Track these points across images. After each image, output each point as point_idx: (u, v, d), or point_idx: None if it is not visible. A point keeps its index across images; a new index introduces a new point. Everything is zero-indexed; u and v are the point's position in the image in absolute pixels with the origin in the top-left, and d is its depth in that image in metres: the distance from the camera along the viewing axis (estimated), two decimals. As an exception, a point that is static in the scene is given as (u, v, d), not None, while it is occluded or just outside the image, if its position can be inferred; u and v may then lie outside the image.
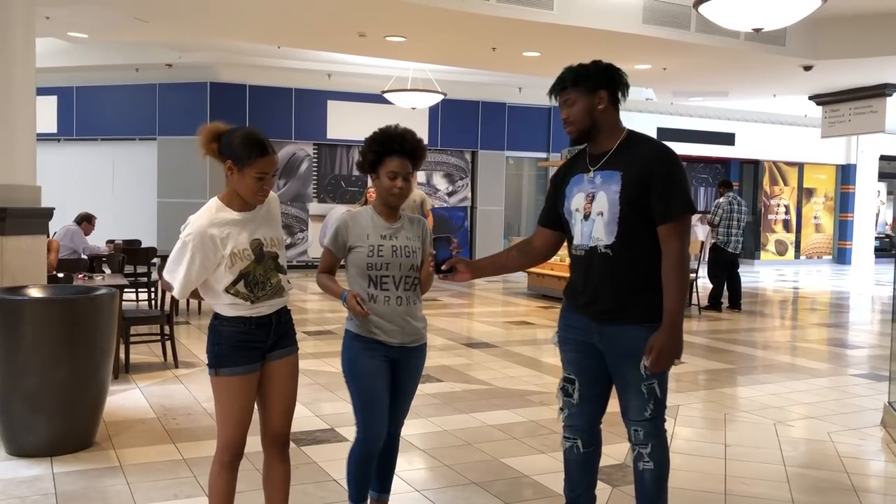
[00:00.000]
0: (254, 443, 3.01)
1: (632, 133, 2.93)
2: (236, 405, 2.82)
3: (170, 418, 5.03)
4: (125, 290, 7.23)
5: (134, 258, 9.41)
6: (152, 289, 9.03)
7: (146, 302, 9.29)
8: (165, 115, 14.28)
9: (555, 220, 3.08)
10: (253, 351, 2.81)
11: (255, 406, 2.91)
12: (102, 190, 14.55)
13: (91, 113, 14.52)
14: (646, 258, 2.80)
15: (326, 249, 3.20)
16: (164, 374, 6.25)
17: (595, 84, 2.87)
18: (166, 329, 6.58)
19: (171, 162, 14.14)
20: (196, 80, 14.07)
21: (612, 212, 2.83)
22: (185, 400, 5.49)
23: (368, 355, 3.09)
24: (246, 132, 2.76)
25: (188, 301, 9.50)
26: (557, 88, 2.95)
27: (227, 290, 2.75)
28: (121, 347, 6.02)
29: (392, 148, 3.10)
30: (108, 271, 8.84)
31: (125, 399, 5.48)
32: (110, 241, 10.27)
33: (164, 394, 5.66)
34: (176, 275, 2.73)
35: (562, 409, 3.09)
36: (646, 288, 2.82)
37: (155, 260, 9.54)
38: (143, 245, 10.63)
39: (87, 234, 9.35)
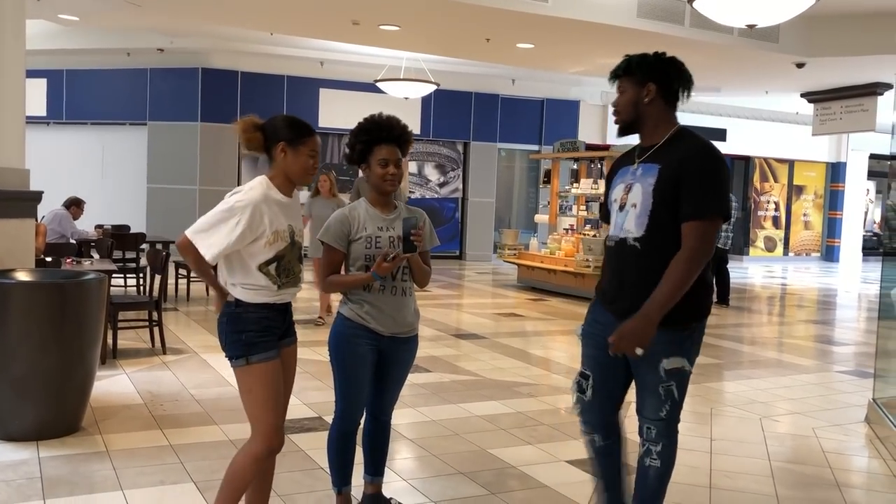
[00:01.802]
0: (241, 430, 3.01)
1: (683, 129, 2.87)
2: (273, 391, 2.79)
3: (157, 404, 5.02)
4: (113, 275, 7.20)
5: (123, 243, 9.37)
6: (141, 274, 8.99)
7: (134, 288, 9.25)
8: (156, 101, 14.19)
9: (608, 214, 3.03)
10: (276, 337, 2.82)
11: None
12: (92, 174, 14.46)
13: (81, 97, 14.42)
14: (673, 256, 2.70)
15: (326, 248, 3.12)
16: (152, 361, 6.23)
17: (645, 76, 2.84)
18: (154, 315, 6.56)
19: (162, 147, 14.07)
20: (188, 65, 13.99)
21: (645, 204, 2.77)
22: (173, 386, 5.48)
23: (356, 342, 3.10)
24: (289, 116, 2.87)
25: (177, 287, 9.47)
26: (613, 76, 2.94)
27: (259, 268, 2.74)
28: (108, 333, 5.99)
29: (380, 136, 3.10)
30: (96, 256, 8.80)
31: (112, 385, 5.46)
32: (99, 226, 10.22)
33: (152, 380, 5.65)
34: (212, 237, 2.68)
35: (575, 404, 3.07)
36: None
37: (144, 245, 9.50)
38: (132, 230, 10.59)
39: (75, 218, 9.29)
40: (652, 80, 2.83)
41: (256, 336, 2.75)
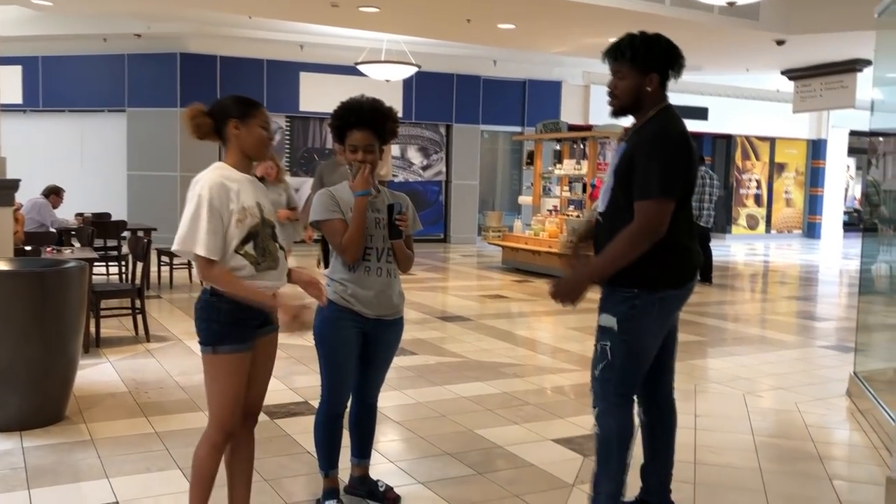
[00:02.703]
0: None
1: (662, 110, 2.91)
2: (235, 383, 2.76)
3: (141, 392, 4.99)
4: (95, 263, 7.14)
5: (104, 231, 9.29)
6: (123, 262, 8.92)
7: (117, 276, 9.18)
8: (135, 87, 14.03)
9: None
10: (250, 329, 2.77)
11: None
12: (70, 162, 14.29)
13: (58, 84, 14.22)
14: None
15: (324, 225, 3.08)
16: (136, 349, 6.20)
17: (651, 66, 2.86)
18: (137, 303, 6.51)
19: (141, 134, 13.92)
20: (166, 50, 13.82)
21: (608, 183, 2.93)
22: (157, 374, 5.45)
23: (341, 324, 3.09)
24: (235, 95, 2.85)
25: (159, 274, 9.41)
26: (611, 57, 2.92)
27: (236, 251, 2.69)
28: (91, 321, 5.95)
29: (349, 121, 3.08)
30: (77, 245, 8.72)
31: (96, 373, 5.43)
32: (79, 215, 10.12)
33: (136, 368, 5.62)
34: (198, 233, 2.62)
35: None
36: None
37: (125, 233, 9.43)
38: (113, 218, 10.49)
39: (55, 207, 9.20)
40: (655, 70, 2.88)
41: (227, 327, 2.71)
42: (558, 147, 12.18)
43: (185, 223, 2.65)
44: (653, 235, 2.79)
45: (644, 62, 2.86)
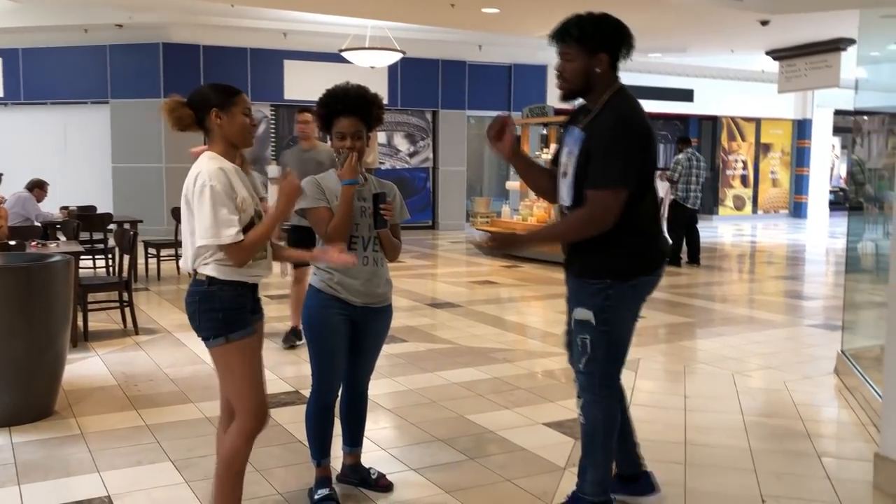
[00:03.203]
0: (217, 407, 2.99)
1: (616, 94, 2.85)
2: (255, 368, 2.76)
3: (131, 385, 4.97)
4: (82, 257, 7.09)
5: (89, 224, 9.22)
6: (109, 255, 8.87)
7: (104, 269, 9.13)
8: (118, 78, 13.90)
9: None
10: (248, 313, 2.76)
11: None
12: (54, 155, 14.16)
13: (39, 76, 14.07)
14: None
15: (321, 209, 3.06)
16: (124, 341, 6.17)
17: (599, 46, 2.80)
18: (125, 295, 6.48)
19: (125, 126, 13.81)
20: (148, 40, 13.69)
21: (571, 175, 2.88)
22: (147, 366, 5.43)
23: (328, 312, 3.09)
24: (213, 83, 2.81)
25: (147, 266, 9.36)
26: (559, 38, 2.86)
27: None
28: (78, 315, 5.92)
29: (336, 108, 3.06)
30: (62, 238, 8.65)
31: (84, 367, 5.40)
32: (64, 208, 10.03)
33: (125, 361, 5.60)
34: (221, 222, 2.58)
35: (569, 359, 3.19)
36: (586, 247, 2.88)
37: (111, 226, 9.36)
38: (99, 211, 10.42)
39: (39, 200, 9.11)
40: (604, 50, 2.81)
41: (233, 313, 2.69)
42: (545, 131, 12.17)
43: (207, 216, 2.59)
44: (600, 225, 2.79)
45: (592, 42, 2.79)
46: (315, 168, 4.86)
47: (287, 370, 5.27)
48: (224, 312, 2.68)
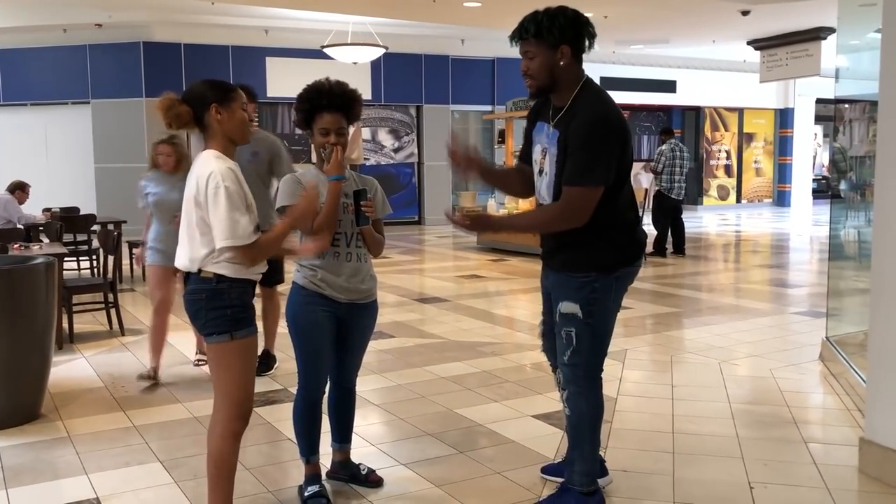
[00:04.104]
0: (204, 406, 2.98)
1: (584, 87, 2.86)
2: (252, 366, 2.80)
3: (118, 386, 4.95)
4: (66, 258, 7.03)
5: (73, 226, 9.16)
6: (94, 256, 8.81)
7: (88, 270, 9.07)
8: (98, 78, 13.80)
9: (527, 157, 3.13)
10: (253, 313, 2.79)
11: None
12: (35, 157, 14.05)
13: (18, 77, 13.94)
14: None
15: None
16: (111, 343, 6.14)
17: (559, 39, 2.79)
18: (110, 297, 6.44)
19: (107, 126, 13.72)
20: (128, 39, 13.60)
21: (551, 174, 2.89)
22: (133, 367, 5.40)
23: (312, 309, 3.08)
24: (207, 79, 2.79)
25: (132, 267, 9.31)
26: (517, 37, 2.86)
27: None
28: (63, 317, 5.87)
29: (320, 104, 3.04)
30: (45, 240, 8.58)
31: (71, 369, 5.37)
32: (47, 210, 9.96)
33: (111, 362, 5.57)
34: (239, 224, 2.58)
35: (542, 347, 3.30)
36: (569, 241, 2.88)
37: (95, 227, 9.30)
38: (82, 212, 10.35)
39: (21, 202, 9.04)
40: (565, 42, 2.81)
41: (241, 311, 2.71)
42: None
43: (224, 218, 2.58)
44: (574, 222, 2.80)
45: (550, 36, 2.79)
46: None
47: (276, 367, 5.25)
48: (233, 310, 2.69)
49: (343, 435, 3.36)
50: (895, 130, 3.36)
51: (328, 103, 3.03)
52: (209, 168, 2.63)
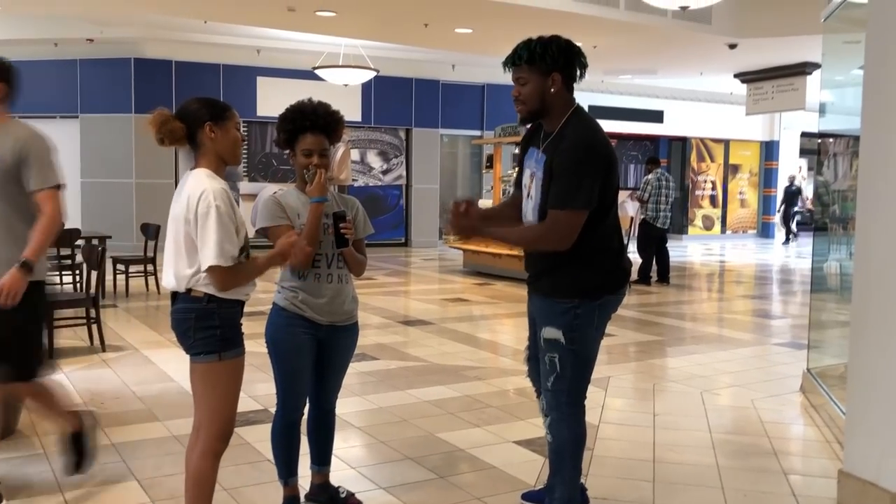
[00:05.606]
0: (184, 426, 2.95)
1: (574, 115, 2.90)
2: (237, 388, 2.77)
3: (97, 403, 4.90)
4: (48, 273, 6.97)
5: (57, 240, 9.08)
6: (77, 271, 8.75)
7: (71, 285, 9.00)
8: (88, 93, 13.79)
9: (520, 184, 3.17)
10: (240, 332, 2.77)
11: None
12: (22, 170, 13.97)
13: (7, 89, 13.89)
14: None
15: (282, 227, 2.98)
16: (91, 359, 6.08)
17: (550, 66, 2.85)
18: (92, 312, 6.39)
19: (95, 141, 13.68)
20: (119, 55, 13.61)
21: (537, 199, 2.92)
22: (114, 384, 5.35)
23: (293, 331, 3.06)
24: (202, 97, 2.77)
25: (115, 283, 9.25)
26: (510, 63, 2.92)
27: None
28: (44, 332, 5.81)
29: (304, 125, 3.03)
30: (29, 254, 8.51)
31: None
32: (31, 223, 9.88)
33: (91, 378, 5.51)
34: (227, 244, 2.57)
35: (527, 372, 3.29)
36: (554, 266, 2.91)
37: (79, 242, 9.24)
38: (67, 227, 10.27)
39: (5, 215, 8.97)
40: (556, 70, 2.86)
41: (231, 331, 2.70)
42: (517, 150, 12.24)
43: (215, 239, 2.56)
44: (557, 244, 2.83)
45: (542, 63, 2.85)
46: None
47: (256, 388, 5.21)
48: (222, 329, 2.67)
49: (322, 457, 3.34)
50: (876, 165, 3.41)
51: (311, 125, 3.03)
52: (201, 186, 2.62)
